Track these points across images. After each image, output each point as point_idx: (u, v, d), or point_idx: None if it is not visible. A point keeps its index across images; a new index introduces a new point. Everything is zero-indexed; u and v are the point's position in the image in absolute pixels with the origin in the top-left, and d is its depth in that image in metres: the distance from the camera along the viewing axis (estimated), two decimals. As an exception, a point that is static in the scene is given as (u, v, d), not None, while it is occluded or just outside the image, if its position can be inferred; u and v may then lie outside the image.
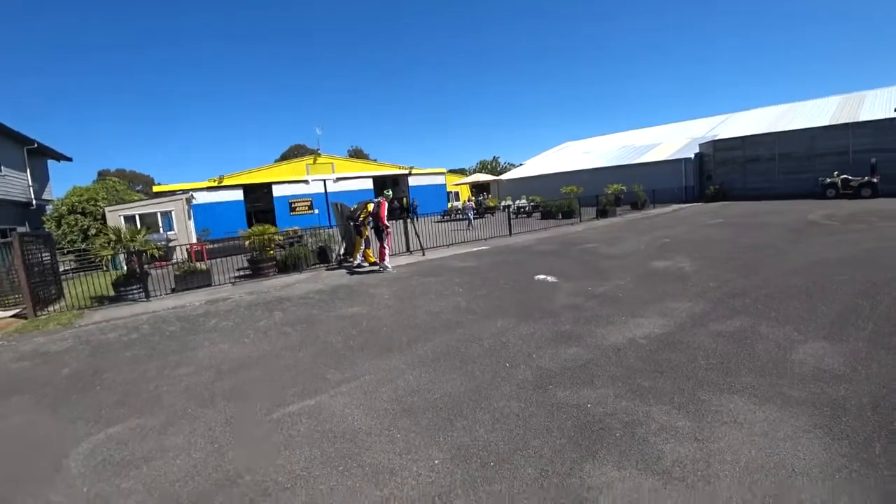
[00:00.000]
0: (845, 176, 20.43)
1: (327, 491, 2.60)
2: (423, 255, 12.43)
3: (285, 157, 60.09)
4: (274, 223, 25.43)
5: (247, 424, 3.55)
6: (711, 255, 8.98)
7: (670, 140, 32.59)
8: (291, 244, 12.35)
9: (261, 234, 11.21)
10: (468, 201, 25.00)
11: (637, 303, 6.01)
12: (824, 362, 3.81)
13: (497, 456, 2.80)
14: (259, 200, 32.80)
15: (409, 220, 13.57)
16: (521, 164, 47.30)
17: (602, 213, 20.21)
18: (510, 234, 15.95)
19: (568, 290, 7.09)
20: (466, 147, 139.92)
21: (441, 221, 24.26)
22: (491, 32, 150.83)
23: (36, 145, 19.79)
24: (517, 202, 26.55)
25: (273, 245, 11.60)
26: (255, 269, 11.20)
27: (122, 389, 4.56)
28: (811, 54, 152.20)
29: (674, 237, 12.13)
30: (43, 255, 10.16)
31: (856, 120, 22.78)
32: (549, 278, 8.04)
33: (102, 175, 57.17)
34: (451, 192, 41.40)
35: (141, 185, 59.54)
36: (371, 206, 10.95)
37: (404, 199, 24.06)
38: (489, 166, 68.24)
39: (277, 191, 31.65)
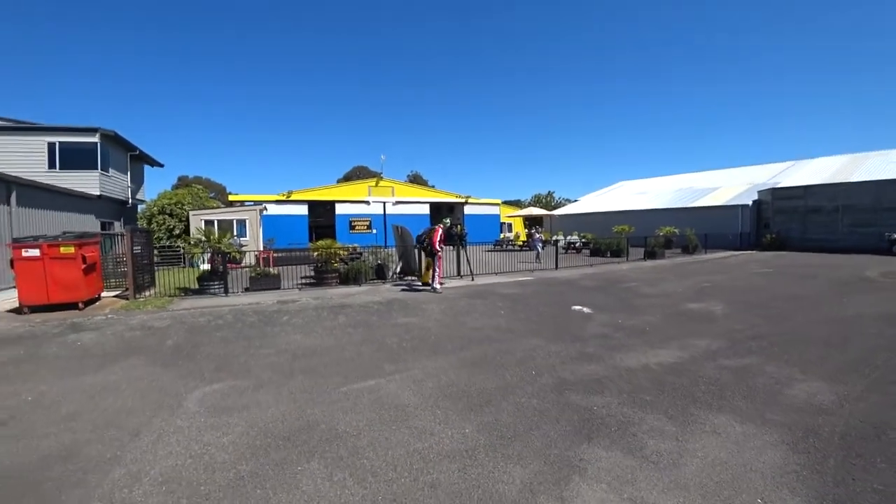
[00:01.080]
0: (916, 231, 19.66)
1: (383, 439, 3.51)
2: (473, 279, 13.31)
3: (348, 178, 63.43)
4: (334, 238, 27.30)
5: (321, 392, 4.53)
6: (747, 301, 9.34)
7: (729, 185, 32.18)
8: (352, 259, 13.59)
9: (327, 247, 12.52)
10: (536, 232, 24.35)
11: (660, 337, 6.62)
12: (815, 398, 4.33)
13: (514, 432, 3.63)
14: (322, 216, 35.10)
15: (460, 247, 14.54)
16: (575, 201, 47.66)
17: (650, 255, 20.43)
18: (556, 267, 16.66)
19: (600, 320, 7.75)
20: (523, 179, 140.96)
21: (492, 251, 25.10)
22: (555, 75, 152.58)
23: (138, 152, 22.46)
24: (568, 238, 27.03)
25: (337, 258, 12.87)
26: (320, 279, 12.48)
27: (218, 360, 5.72)
28: (883, 100, 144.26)
29: (716, 282, 12.41)
30: (143, 248, 11.83)
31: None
32: (585, 309, 8.71)
33: (183, 181, 62.27)
34: (504, 224, 42.32)
35: (215, 193, 64.29)
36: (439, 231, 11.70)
37: (458, 227, 25.15)
38: (543, 200, 68.74)
39: (340, 209, 33.80)
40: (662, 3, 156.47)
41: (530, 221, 42.30)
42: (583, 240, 25.88)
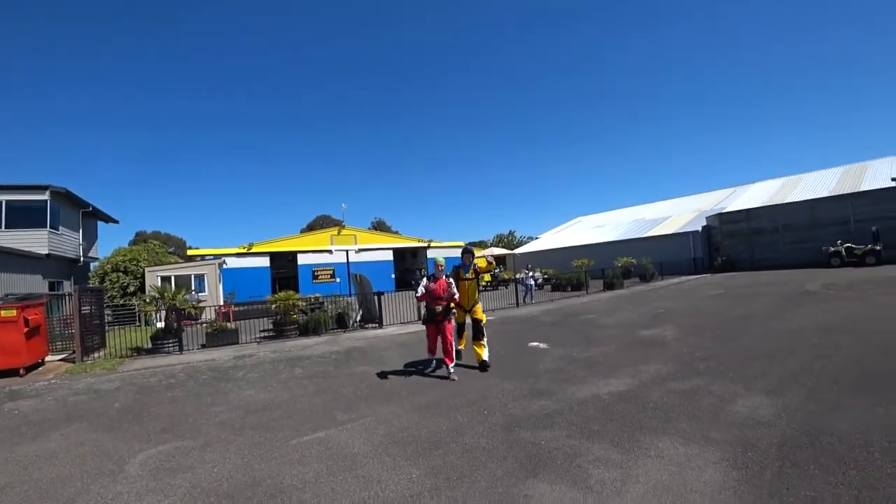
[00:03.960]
0: (849, 244, 20.82)
1: (329, 490, 3.45)
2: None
3: (311, 227, 63.21)
4: (297, 289, 26.85)
5: (270, 448, 4.42)
6: (698, 324, 9.68)
7: (679, 213, 33.69)
8: (313, 310, 13.41)
9: (285, 299, 12.35)
10: (528, 270, 21.11)
11: (612, 366, 6.76)
12: (756, 412, 4.50)
13: (460, 473, 3.62)
14: (284, 267, 34.59)
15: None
16: (536, 238, 48.72)
17: (609, 286, 20.95)
18: (517, 305, 16.85)
19: (555, 355, 7.86)
20: (484, 220, 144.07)
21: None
22: (504, 114, 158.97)
23: (91, 209, 21.87)
24: (531, 274, 27.38)
25: (296, 310, 12.68)
26: (279, 331, 12.24)
27: (166, 420, 5.51)
28: (817, 125, 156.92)
29: (670, 308, 12.82)
30: (93, 307, 11.38)
31: (858, 190, 23.54)
32: (542, 345, 8.84)
33: (140, 236, 60.61)
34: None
35: (174, 248, 62.68)
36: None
37: (422, 271, 25.19)
38: (505, 240, 70.01)
39: (302, 259, 33.43)
40: (625, 43, 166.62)
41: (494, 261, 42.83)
42: (544, 276, 26.32)
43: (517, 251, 42.49)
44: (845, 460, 3.41)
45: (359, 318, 13.41)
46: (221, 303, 19.74)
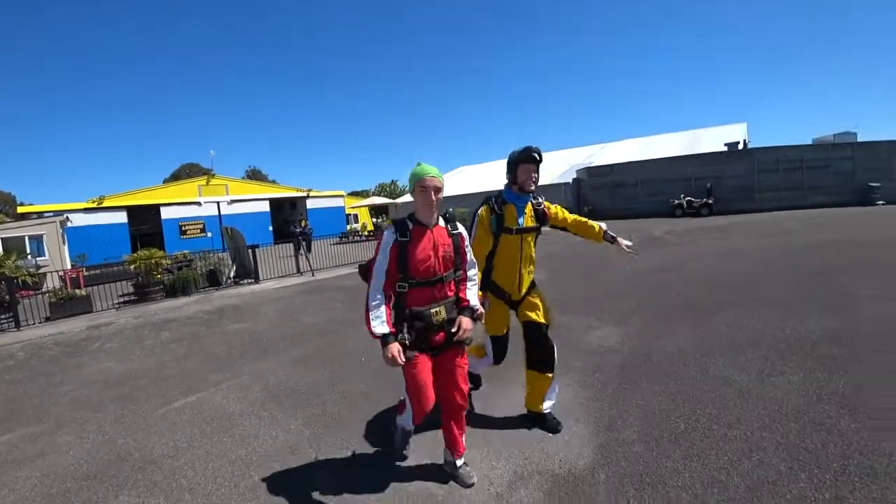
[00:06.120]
0: (689, 198, 24.13)
1: (203, 454, 3.36)
2: (313, 275, 13.01)
3: (176, 177, 56.83)
4: (162, 247, 24.46)
5: (135, 420, 4.13)
6: (564, 268, 10.64)
7: (553, 167, 35.91)
8: (180, 268, 12.34)
9: (147, 258, 11.22)
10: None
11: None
12: (605, 341, 5.15)
13: (339, 419, 3.75)
14: (145, 223, 30.99)
15: (297, 243, 14.11)
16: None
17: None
18: None
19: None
20: (367, 169, 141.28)
21: (339, 243, 24.74)
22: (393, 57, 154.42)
23: None
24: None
25: (160, 269, 11.60)
26: (142, 294, 11.15)
27: (5, 408, 4.81)
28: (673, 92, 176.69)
29: (544, 252, 13.87)
30: None
31: (697, 152, 27.15)
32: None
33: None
34: (350, 215, 41.90)
35: (2, 205, 53.19)
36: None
37: (303, 222, 24.24)
38: (388, 188, 69.01)
39: (166, 213, 30.22)
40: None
41: (376, 212, 42.61)
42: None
43: (399, 200, 42.56)
44: (668, 373, 4.11)
45: (232, 273, 12.67)
46: (68, 267, 17.32)
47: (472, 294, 2.73)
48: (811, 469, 2.58)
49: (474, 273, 2.81)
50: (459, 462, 2.80)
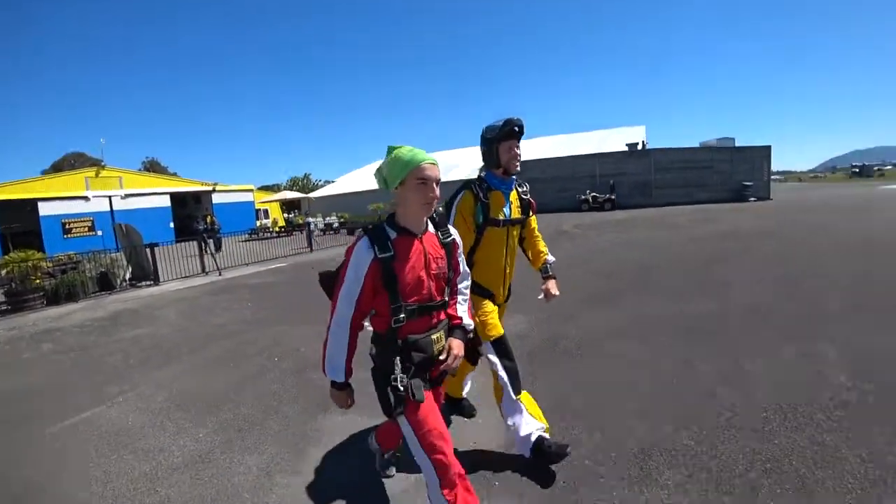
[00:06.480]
0: (594, 194, 25.89)
1: (101, 475, 3.08)
2: (220, 274, 12.35)
3: (58, 169, 50.61)
4: (41, 248, 21.77)
5: (16, 444, 3.68)
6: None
7: (469, 161, 36.66)
8: (64, 271, 11.11)
9: (22, 261, 9.97)
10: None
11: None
12: (517, 328, 5.39)
13: (252, 422, 3.64)
14: (19, 220, 27.19)
15: (202, 241, 13.30)
16: (333, 181, 47.87)
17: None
18: (311, 249, 17.04)
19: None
20: (277, 163, 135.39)
21: (248, 240, 23.53)
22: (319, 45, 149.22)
23: None
24: (326, 219, 27.20)
25: (39, 274, 10.37)
26: (16, 303, 9.88)
27: None
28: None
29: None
30: None
31: (601, 151, 29.11)
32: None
33: None
34: (260, 210, 39.99)
35: None
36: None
37: (208, 218, 22.73)
38: (300, 183, 66.52)
39: (46, 209, 26.73)
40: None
41: (288, 206, 41.12)
42: (340, 220, 26.37)
43: (312, 195, 41.39)
44: (572, 355, 4.52)
45: (128, 276, 11.64)
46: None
47: (464, 310, 2.20)
48: (691, 427, 2.99)
49: (466, 286, 2.27)
50: (387, 455, 2.74)
